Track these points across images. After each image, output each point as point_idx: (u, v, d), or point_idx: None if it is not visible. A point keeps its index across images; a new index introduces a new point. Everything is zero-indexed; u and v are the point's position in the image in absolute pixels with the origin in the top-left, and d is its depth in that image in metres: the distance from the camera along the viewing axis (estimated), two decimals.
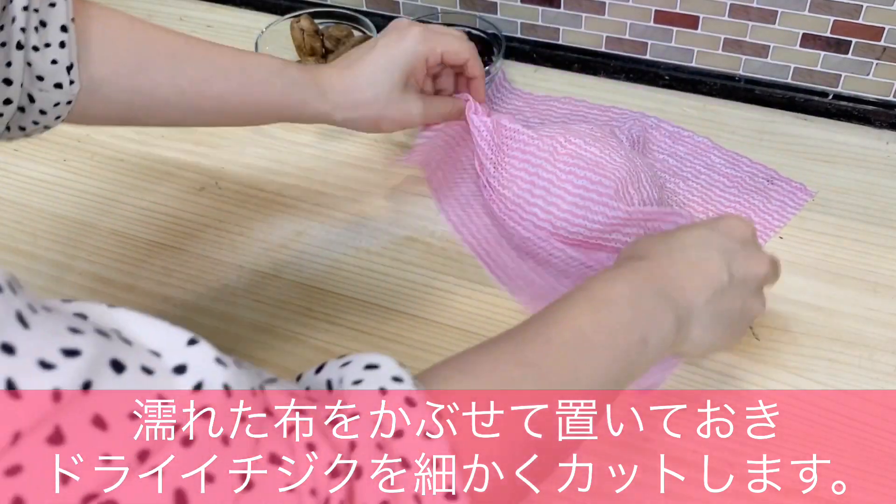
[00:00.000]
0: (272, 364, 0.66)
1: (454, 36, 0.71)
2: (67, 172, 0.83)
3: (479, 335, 0.68)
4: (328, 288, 0.72)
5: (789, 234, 0.75)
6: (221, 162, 0.84)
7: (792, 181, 0.79)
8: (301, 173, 0.82)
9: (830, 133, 0.84)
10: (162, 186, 0.81)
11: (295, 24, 0.86)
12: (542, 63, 0.94)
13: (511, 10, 0.92)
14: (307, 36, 0.85)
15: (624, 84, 0.91)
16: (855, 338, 0.67)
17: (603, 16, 0.89)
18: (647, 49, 0.90)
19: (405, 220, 0.77)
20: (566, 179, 0.70)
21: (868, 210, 0.77)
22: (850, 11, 0.80)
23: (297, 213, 0.78)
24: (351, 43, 0.86)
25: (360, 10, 0.99)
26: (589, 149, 0.71)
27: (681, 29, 0.87)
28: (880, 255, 0.73)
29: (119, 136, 0.87)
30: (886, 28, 0.80)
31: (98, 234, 0.77)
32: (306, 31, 0.84)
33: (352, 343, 0.67)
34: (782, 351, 0.66)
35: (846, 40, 0.82)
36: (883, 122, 0.84)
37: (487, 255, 0.74)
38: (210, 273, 0.73)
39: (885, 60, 0.82)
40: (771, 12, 0.82)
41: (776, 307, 0.69)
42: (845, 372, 0.65)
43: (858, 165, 0.81)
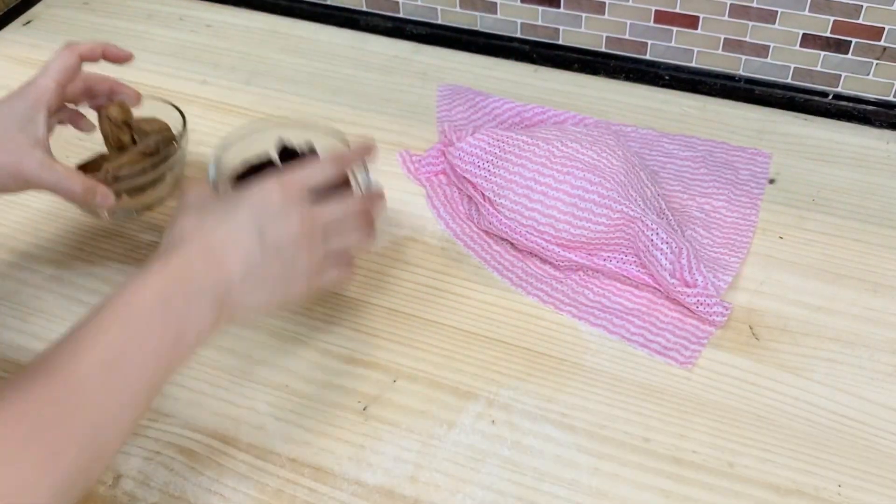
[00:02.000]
0: (272, 364, 0.66)
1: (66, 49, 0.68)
2: None
3: (479, 335, 0.68)
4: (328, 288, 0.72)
5: (789, 234, 0.75)
6: None
7: (745, 148, 0.82)
8: None
9: (830, 133, 0.84)
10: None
11: (104, 112, 0.75)
12: (542, 63, 0.94)
13: (511, 10, 0.92)
14: (114, 126, 0.74)
15: (624, 84, 0.91)
16: (855, 338, 0.67)
17: (603, 16, 0.89)
18: (647, 49, 0.90)
19: (405, 220, 0.77)
20: (564, 181, 0.70)
21: (868, 210, 0.77)
22: (850, 11, 0.80)
23: None
24: (155, 140, 0.76)
25: (360, 11, 0.99)
26: (586, 152, 0.71)
27: (681, 29, 0.87)
28: (880, 255, 0.73)
29: None
30: (886, 28, 0.80)
31: (98, 233, 0.77)
32: (114, 121, 0.74)
33: (351, 343, 0.67)
34: (782, 351, 0.66)
35: (846, 40, 0.82)
36: (883, 122, 0.84)
37: (493, 258, 0.74)
38: None
39: (885, 60, 0.82)
40: (771, 12, 0.82)
41: (776, 307, 0.69)
42: (845, 372, 0.65)
43: (858, 165, 0.81)
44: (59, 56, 0.68)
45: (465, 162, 0.74)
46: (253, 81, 0.93)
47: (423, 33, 0.97)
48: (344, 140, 0.70)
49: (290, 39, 0.99)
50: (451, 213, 0.77)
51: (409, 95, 0.91)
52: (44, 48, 0.98)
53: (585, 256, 0.71)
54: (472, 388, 0.64)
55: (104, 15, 1.04)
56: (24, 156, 0.64)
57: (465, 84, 0.91)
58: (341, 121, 0.87)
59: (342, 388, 0.65)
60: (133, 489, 0.59)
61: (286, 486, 0.59)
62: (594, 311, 0.69)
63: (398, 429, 0.62)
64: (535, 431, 0.62)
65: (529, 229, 0.71)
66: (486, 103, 0.87)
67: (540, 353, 0.66)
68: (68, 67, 0.67)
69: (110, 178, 0.72)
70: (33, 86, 0.66)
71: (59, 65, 0.67)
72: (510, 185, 0.72)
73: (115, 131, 0.74)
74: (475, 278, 0.72)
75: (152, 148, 0.75)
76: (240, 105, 0.90)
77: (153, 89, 0.92)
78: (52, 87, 0.66)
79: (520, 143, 0.73)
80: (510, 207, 0.71)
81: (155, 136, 0.76)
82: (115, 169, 0.73)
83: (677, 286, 0.67)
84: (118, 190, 0.71)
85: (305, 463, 0.60)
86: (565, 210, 0.70)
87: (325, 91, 0.91)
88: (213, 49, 0.98)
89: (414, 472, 0.60)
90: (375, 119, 0.88)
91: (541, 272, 0.72)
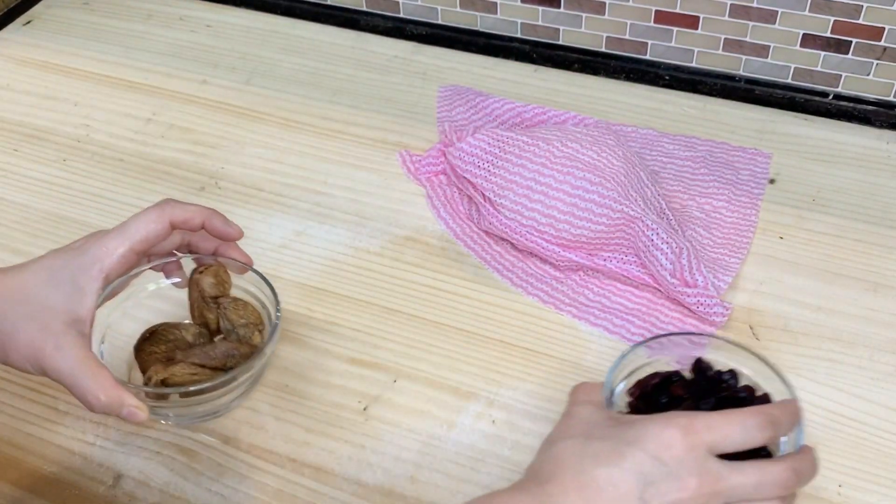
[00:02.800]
0: (272, 364, 0.66)
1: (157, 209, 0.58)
2: (67, 172, 0.83)
3: (479, 335, 0.68)
4: (328, 288, 0.72)
5: (789, 234, 0.75)
6: (221, 162, 0.84)
7: (746, 148, 0.82)
8: (301, 173, 0.82)
9: (831, 133, 0.84)
10: (162, 186, 0.81)
11: (197, 277, 0.62)
12: (542, 63, 0.94)
13: (511, 10, 0.92)
14: (202, 300, 0.61)
15: (624, 84, 0.91)
16: (855, 338, 0.67)
17: (603, 16, 0.89)
18: (647, 49, 0.90)
19: (405, 220, 0.77)
20: (564, 181, 0.70)
21: (868, 210, 0.77)
22: (850, 11, 0.80)
23: (297, 213, 0.78)
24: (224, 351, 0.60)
25: (360, 11, 0.99)
26: (586, 153, 0.71)
27: (681, 29, 0.87)
28: (880, 255, 0.73)
29: (119, 136, 0.87)
30: (887, 28, 0.80)
31: None
32: (204, 295, 0.61)
33: (352, 343, 0.67)
34: (782, 351, 0.66)
35: (846, 40, 0.82)
36: (883, 123, 0.84)
37: (493, 259, 0.74)
38: None
39: (885, 60, 0.82)
40: (771, 12, 0.82)
41: (776, 307, 0.69)
42: (845, 372, 0.65)
43: (859, 165, 0.81)
44: (145, 214, 0.56)
45: (465, 162, 0.74)
46: (253, 81, 0.93)
47: (423, 33, 0.97)
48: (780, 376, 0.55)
49: (290, 39, 0.99)
50: (451, 213, 0.77)
51: (409, 95, 0.91)
52: (44, 48, 0.98)
53: (585, 256, 0.71)
54: (472, 388, 0.64)
55: (104, 15, 1.04)
56: (49, 337, 0.51)
57: (465, 84, 0.91)
58: (341, 121, 0.88)
59: (342, 388, 0.65)
60: (133, 489, 0.59)
61: (286, 486, 0.59)
62: (594, 311, 0.69)
63: (398, 429, 0.62)
64: (535, 431, 0.61)
65: (529, 229, 0.71)
66: (486, 103, 0.87)
67: (540, 353, 0.66)
68: (151, 233, 0.56)
69: (153, 387, 0.56)
70: (99, 244, 0.54)
71: (141, 228, 0.56)
72: (510, 185, 0.72)
73: (202, 306, 0.61)
74: (475, 278, 0.72)
75: (218, 362, 0.59)
76: (240, 105, 0.90)
77: (153, 89, 0.92)
78: (120, 254, 0.55)
79: (520, 143, 0.73)
80: (510, 207, 0.71)
81: (225, 345, 0.60)
82: (162, 380, 0.57)
83: (677, 286, 0.67)
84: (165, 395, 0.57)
85: (305, 463, 0.60)
86: (565, 210, 0.70)
87: (325, 91, 0.91)
88: (213, 49, 0.98)
89: (414, 472, 0.60)
90: (375, 119, 0.88)
91: (541, 272, 0.72)
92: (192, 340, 0.61)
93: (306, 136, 0.86)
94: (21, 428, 0.62)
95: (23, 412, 0.63)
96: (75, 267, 0.53)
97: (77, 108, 0.90)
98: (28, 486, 0.59)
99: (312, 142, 0.86)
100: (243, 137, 0.86)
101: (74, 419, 0.63)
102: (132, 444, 0.61)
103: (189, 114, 0.89)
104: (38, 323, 0.51)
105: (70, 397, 0.64)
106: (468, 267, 0.73)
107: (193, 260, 0.62)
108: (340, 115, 0.88)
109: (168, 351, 0.59)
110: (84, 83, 0.94)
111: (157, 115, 0.89)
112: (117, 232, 0.55)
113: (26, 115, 0.90)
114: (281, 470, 0.60)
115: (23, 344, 0.51)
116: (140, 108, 0.90)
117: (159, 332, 0.61)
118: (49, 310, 0.52)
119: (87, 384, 0.51)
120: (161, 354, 0.59)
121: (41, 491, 0.59)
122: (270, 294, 0.61)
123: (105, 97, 0.92)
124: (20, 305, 0.52)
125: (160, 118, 0.89)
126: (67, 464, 0.60)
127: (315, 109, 0.89)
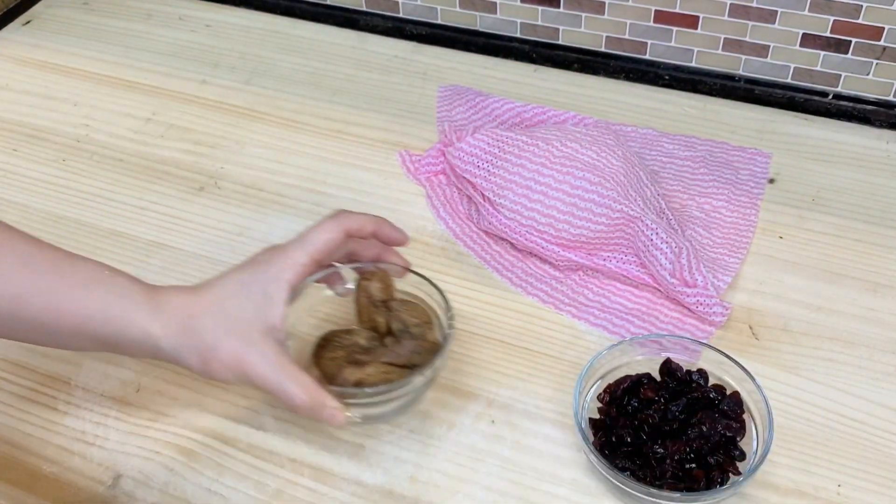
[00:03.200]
0: None
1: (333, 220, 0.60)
2: (67, 172, 0.83)
3: (479, 335, 0.68)
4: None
5: (789, 234, 0.75)
6: (221, 162, 0.84)
7: (745, 148, 0.82)
8: (301, 173, 0.82)
9: (830, 133, 0.84)
10: (162, 186, 0.81)
11: (364, 283, 0.63)
12: (542, 63, 0.94)
13: (511, 10, 0.92)
14: (371, 305, 0.63)
15: (624, 84, 0.91)
16: (854, 338, 0.67)
17: (603, 16, 0.89)
18: (646, 49, 0.90)
19: (405, 220, 0.77)
20: (564, 181, 0.70)
21: (868, 210, 0.77)
22: (849, 11, 0.80)
23: (297, 213, 0.78)
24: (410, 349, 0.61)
25: (360, 10, 0.99)
26: (586, 152, 0.71)
27: (681, 29, 0.87)
28: (880, 255, 0.73)
29: (119, 136, 0.87)
30: (886, 28, 0.80)
31: (98, 234, 0.77)
32: (372, 300, 0.63)
33: None
34: (781, 351, 0.66)
35: (846, 40, 0.82)
36: (883, 122, 0.84)
37: (492, 258, 0.74)
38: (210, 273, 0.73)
39: (885, 60, 0.82)
40: (771, 12, 0.82)
41: (776, 307, 0.69)
42: (844, 372, 0.65)
43: (858, 165, 0.81)
44: (322, 226, 0.59)
45: (464, 162, 0.74)
46: (253, 81, 0.93)
47: (422, 33, 0.97)
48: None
49: (290, 39, 0.99)
50: (450, 212, 0.77)
51: (409, 95, 0.91)
52: (44, 48, 0.98)
53: (585, 256, 0.71)
54: (472, 388, 0.64)
55: (104, 15, 1.04)
56: (250, 346, 0.54)
57: (464, 84, 0.91)
58: (341, 121, 0.88)
59: None
60: (133, 489, 0.59)
61: (286, 486, 0.59)
62: (594, 311, 0.69)
63: (398, 429, 0.62)
64: (535, 431, 0.61)
65: (529, 229, 0.71)
66: (485, 103, 0.87)
67: (540, 353, 0.66)
68: (329, 243, 0.59)
69: (348, 389, 0.58)
70: (283, 255, 0.57)
71: (319, 238, 0.58)
72: (510, 185, 0.72)
73: (371, 311, 0.63)
74: (475, 278, 0.72)
75: (404, 359, 0.60)
76: (240, 105, 0.90)
77: (153, 89, 0.92)
78: (303, 264, 0.57)
79: (519, 143, 0.73)
80: (510, 207, 0.71)
81: (411, 343, 0.61)
82: (356, 381, 0.58)
83: (677, 286, 0.67)
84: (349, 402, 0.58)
85: (305, 463, 0.60)
86: (565, 210, 0.70)
87: (325, 91, 0.91)
88: (213, 49, 0.98)
89: (414, 472, 0.60)
90: (375, 119, 0.88)
91: (540, 272, 0.72)
92: (365, 343, 0.62)
93: (306, 136, 0.86)
94: (21, 428, 0.62)
95: (23, 412, 0.63)
96: (264, 279, 0.56)
97: (77, 108, 0.90)
98: (28, 486, 0.59)
99: (312, 142, 0.86)
100: (243, 137, 0.86)
101: (74, 419, 0.63)
102: (132, 444, 0.61)
103: (189, 114, 0.89)
104: (237, 335, 0.54)
105: (69, 397, 0.64)
106: (468, 267, 0.73)
107: (355, 269, 0.64)
108: (340, 115, 0.88)
109: (348, 355, 0.60)
110: (84, 83, 0.94)
111: (156, 115, 0.89)
112: (298, 244, 0.58)
113: (26, 115, 0.90)
114: (281, 470, 0.60)
115: (226, 355, 0.54)
116: (140, 107, 0.90)
117: (334, 338, 0.62)
118: (246, 321, 0.55)
119: (292, 388, 0.54)
120: (342, 359, 0.60)
121: (41, 491, 0.59)
122: (438, 296, 0.63)
123: (105, 97, 0.92)
124: (219, 320, 0.54)
125: (160, 118, 0.89)
126: (67, 464, 0.60)
127: (315, 109, 0.89)
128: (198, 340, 0.54)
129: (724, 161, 0.81)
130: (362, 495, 0.58)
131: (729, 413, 0.58)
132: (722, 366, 0.60)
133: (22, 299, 0.50)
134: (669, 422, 0.58)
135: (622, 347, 0.62)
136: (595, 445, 0.57)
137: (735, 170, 0.80)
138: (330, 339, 0.62)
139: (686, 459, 0.56)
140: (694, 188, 0.78)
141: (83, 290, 0.51)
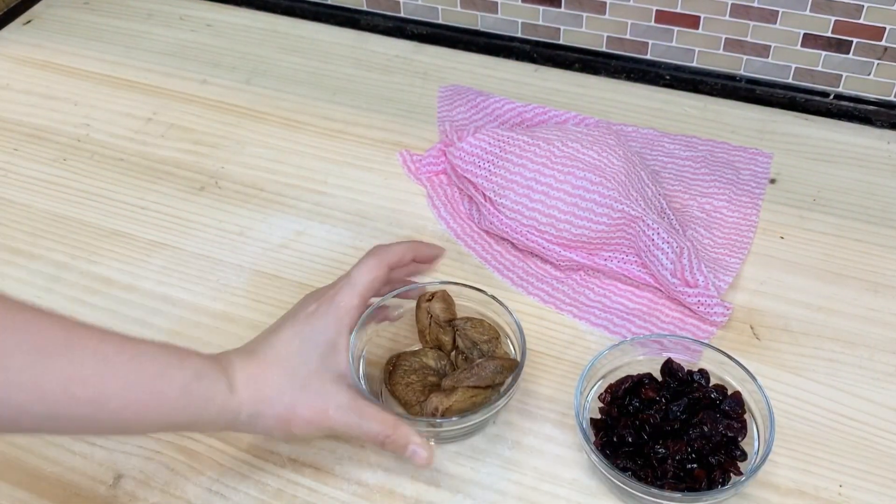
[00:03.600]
0: None
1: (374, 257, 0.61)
2: (67, 172, 0.83)
3: None
4: None
5: (789, 234, 0.75)
6: (221, 162, 0.84)
7: (746, 148, 0.82)
8: (301, 173, 0.82)
9: (831, 133, 0.84)
10: (162, 186, 0.81)
11: (425, 305, 0.64)
12: (543, 63, 0.94)
13: (512, 10, 0.92)
14: (436, 325, 0.63)
15: (625, 84, 0.91)
16: (855, 338, 0.67)
17: (604, 15, 0.89)
18: (647, 49, 0.90)
19: (405, 220, 0.77)
20: (565, 181, 0.70)
21: (868, 210, 0.77)
22: (851, 11, 0.80)
23: (298, 212, 0.78)
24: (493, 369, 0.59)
25: (361, 10, 0.99)
26: (587, 152, 0.71)
27: (682, 29, 0.87)
28: (880, 255, 0.73)
29: (119, 135, 0.87)
30: (887, 28, 0.80)
31: (98, 234, 0.77)
32: (436, 320, 0.63)
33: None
34: (782, 351, 0.66)
35: (847, 40, 0.82)
36: (884, 122, 0.84)
37: (493, 258, 0.74)
38: (210, 273, 0.73)
39: (886, 60, 0.82)
40: (772, 12, 0.82)
41: (777, 307, 0.69)
42: (845, 372, 0.65)
43: (859, 165, 0.81)
44: (365, 265, 0.61)
45: (465, 162, 0.74)
46: (253, 81, 0.93)
47: (423, 33, 0.97)
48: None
49: (291, 39, 0.99)
50: (451, 212, 0.77)
51: (410, 95, 0.91)
52: (44, 48, 0.98)
53: (586, 256, 0.71)
54: None
55: (104, 15, 1.04)
56: (327, 399, 0.55)
57: (465, 84, 0.91)
58: (341, 121, 0.88)
59: None
60: (133, 489, 0.59)
61: (286, 486, 0.59)
62: (595, 311, 0.69)
63: None
64: (536, 431, 0.61)
65: (530, 229, 0.71)
66: (486, 103, 0.87)
67: (540, 353, 0.66)
68: (375, 281, 0.60)
69: (436, 420, 0.58)
70: (336, 305, 0.58)
71: (365, 279, 0.60)
72: (511, 184, 0.72)
73: (436, 330, 0.63)
74: (475, 278, 0.72)
75: (488, 380, 0.59)
76: (240, 105, 0.90)
77: (153, 89, 0.92)
78: (356, 306, 0.59)
79: (521, 142, 0.73)
80: (511, 207, 0.71)
81: (492, 365, 0.59)
82: (444, 410, 0.58)
83: (678, 286, 0.67)
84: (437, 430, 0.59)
85: (305, 463, 0.60)
86: (566, 210, 0.70)
87: (325, 91, 0.91)
88: (213, 48, 0.98)
89: (414, 472, 0.60)
90: (375, 119, 0.88)
91: (541, 272, 0.72)
92: (434, 364, 0.63)
93: (307, 135, 0.86)
94: None
95: None
96: (323, 329, 0.57)
97: (77, 108, 0.90)
98: (29, 487, 0.59)
99: (313, 141, 0.86)
100: (243, 137, 0.86)
101: None
102: (132, 444, 0.61)
103: (189, 113, 0.89)
104: (312, 391, 0.55)
105: None
106: (468, 266, 0.73)
107: (418, 291, 0.65)
108: (341, 115, 0.88)
109: (423, 379, 0.61)
110: (84, 83, 0.94)
111: (157, 115, 0.89)
112: (347, 288, 0.59)
113: (26, 114, 0.90)
114: (281, 470, 0.60)
115: (306, 413, 0.55)
116: (140, 107, 0.90)
117: (402, 362, 0.63)
118: (316, 376, 0.56)
119: (375, 429, 0.55)
120: (418, 384, 0.61)
121: (42, 491, 0.59)
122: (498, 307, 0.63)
123: (105, 97, 0.92)
124: (290, 379, 0.55)
125: (160, 118, 0.89)
126: (68, 464, 0.60)
127: (315, 109, 0.89)
128: (274, 406, 0.54)
129: (725, 161, 0.81)
130: (363, 495, 0.58)
131: (730, 413, 0.58)
132: (723, 366, 0.60)
133: (100, 403, 0.48)
134: (671, 422, 0.58)
135: (623, 347, 0.62)
136: (596, 445, 0.57)
137: (736, 170, 0.80)
138: (398, 363, 0.62)
139: (687, 459, 0.56)
140: (695, 188, 0.78)
141: (161, 381, 0.50)
